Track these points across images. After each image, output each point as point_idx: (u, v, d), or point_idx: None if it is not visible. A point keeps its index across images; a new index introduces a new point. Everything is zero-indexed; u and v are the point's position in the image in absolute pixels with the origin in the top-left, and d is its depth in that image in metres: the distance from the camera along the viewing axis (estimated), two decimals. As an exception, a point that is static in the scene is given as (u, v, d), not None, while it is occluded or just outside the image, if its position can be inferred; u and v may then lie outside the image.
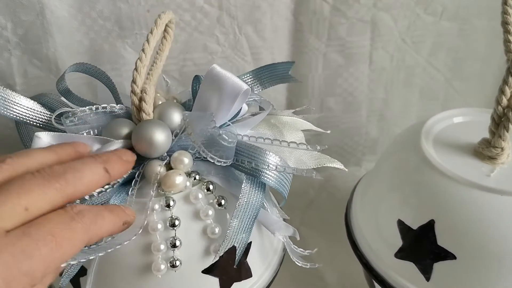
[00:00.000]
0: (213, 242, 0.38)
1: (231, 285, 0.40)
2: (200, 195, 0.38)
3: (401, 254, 0.41)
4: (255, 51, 0.58)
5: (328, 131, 0.47)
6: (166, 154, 0.39)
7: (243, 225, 0.38)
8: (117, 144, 0.38)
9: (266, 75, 0.48)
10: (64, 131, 0.38)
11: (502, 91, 0.39)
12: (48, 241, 0.26)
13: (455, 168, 0.39)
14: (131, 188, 0.37)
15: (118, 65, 0.54)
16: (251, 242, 0.40)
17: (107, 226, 0.31)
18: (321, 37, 0.58)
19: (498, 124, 0.40)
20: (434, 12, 0.57)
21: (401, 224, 0.41)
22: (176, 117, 0.40)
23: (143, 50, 0.40)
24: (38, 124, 0.41)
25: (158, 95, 0.44)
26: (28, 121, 0.40)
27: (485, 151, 0.41)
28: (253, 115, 0.44)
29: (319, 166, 0.42)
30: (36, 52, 0.51)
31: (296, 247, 0.42)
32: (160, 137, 0.38)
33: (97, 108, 0.39)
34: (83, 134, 0.38)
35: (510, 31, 0.40)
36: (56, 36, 0.51)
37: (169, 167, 0.39)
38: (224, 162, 0.37)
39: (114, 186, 0.35)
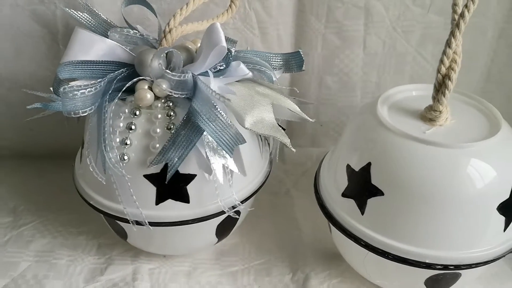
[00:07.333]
0: (152, 155, 0.46)
1: (166, 199, 0.48)
2: (159, 116, 0.46)
3: (345, 193, 0.48)
4: (263, 25, 0.64)
5: (312, 120, 0.50)
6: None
7: (177, 150, 0.44)
8: None
9: (294, 62, 0.55)
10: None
11: (441, 61, 0.45)
12: None
13: (398, 125, 0.45)
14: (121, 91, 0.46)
15: (144, 25, 0.63)
16: (195, 175, 0.47)
17: None
18: (320, 18, 0.64)
19: (438, 90, 0.46)
20: (422, 4, 0.62)
21: (348, 168, 0.48)
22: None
23: (187, 3, 0.50)
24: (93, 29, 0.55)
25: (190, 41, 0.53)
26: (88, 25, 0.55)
27: (427, 114, 0.47)
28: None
29: (269, 134, 0.46)
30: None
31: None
32: (147, 59, 0.46)
33: (140, 34, 0.53)
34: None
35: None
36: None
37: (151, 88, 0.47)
38: (181, 94, 0.46)
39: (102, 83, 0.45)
